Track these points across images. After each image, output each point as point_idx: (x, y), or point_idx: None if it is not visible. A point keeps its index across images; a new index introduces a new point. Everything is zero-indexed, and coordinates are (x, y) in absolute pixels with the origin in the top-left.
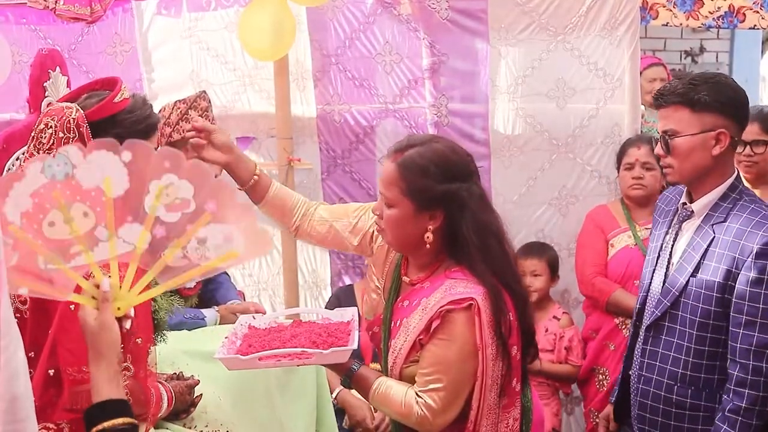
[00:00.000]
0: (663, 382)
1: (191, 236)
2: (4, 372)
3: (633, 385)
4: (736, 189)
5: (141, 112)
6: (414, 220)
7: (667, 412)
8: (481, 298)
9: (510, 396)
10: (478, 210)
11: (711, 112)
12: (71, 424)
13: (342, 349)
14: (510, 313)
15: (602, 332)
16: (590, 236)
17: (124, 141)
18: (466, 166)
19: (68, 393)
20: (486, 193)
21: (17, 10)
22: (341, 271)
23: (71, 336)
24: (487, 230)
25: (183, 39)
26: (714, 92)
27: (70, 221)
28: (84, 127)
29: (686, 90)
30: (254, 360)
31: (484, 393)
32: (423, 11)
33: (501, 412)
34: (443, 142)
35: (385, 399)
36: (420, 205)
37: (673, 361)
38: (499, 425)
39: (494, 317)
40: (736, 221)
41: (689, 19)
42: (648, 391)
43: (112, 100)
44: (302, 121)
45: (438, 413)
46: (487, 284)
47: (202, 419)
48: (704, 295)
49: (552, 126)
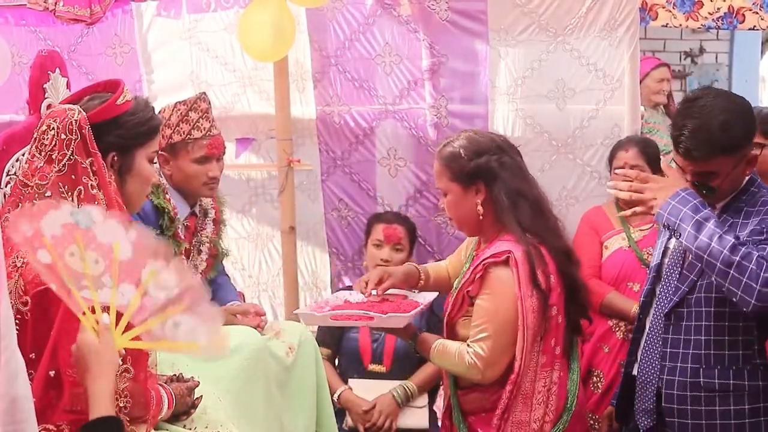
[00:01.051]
0: (687, 367)
1: (171, 315)
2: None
3: (651, 378)
4: (755, 182)
5: (143, 114)
6: (464, 198)
7: (697, 398)
8: (520, 253)
9: (548, 354)
10: (510, 177)
11: (745, 147)
12: (71, 425)
13: (398, 315)
14: (550, 268)
15: (596, 334)
16: (584, 238)
17: (124, 148)
18: (491, 141)
19: (68, 394)
20: (521, 165)
21: (17, 11)
22: (341, 272)
23: (72, 337)
24: (519, 194)
25: (183, 40)
26: (743, 131)
27: (84, 260)
28: (86, 129)
29: (726, 140)
30: (326, 317)
31: (527, 344)
32: (423, 12)
33: (539, 370)
34: (472, 130)
35: (442, 353)
36: (463, 184)
37: (695, 343)
38: (536, 383)
39: (531, 271)
40: (755, 205)
41: (689, 20)
42: (673, 381)
43: (115, 102)
44: (302, 122)
45: (486, 361)
46: (524, 242)
47: (202, 420)
48: None
49: (552, 127)
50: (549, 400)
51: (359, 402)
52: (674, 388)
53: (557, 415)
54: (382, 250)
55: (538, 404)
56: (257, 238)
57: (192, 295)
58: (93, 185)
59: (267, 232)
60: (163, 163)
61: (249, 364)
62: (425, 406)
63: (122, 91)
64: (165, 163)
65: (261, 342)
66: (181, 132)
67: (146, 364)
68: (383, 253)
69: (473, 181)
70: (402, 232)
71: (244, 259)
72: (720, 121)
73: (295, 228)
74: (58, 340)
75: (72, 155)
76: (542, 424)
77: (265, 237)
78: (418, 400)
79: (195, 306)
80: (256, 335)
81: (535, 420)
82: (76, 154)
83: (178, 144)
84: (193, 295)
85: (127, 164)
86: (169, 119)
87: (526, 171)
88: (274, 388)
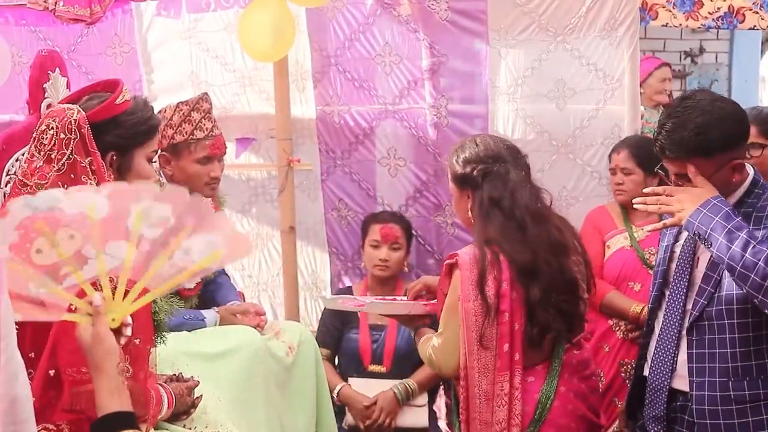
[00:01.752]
0: (716, 381)
1: (176, 247)
2: (4, 373)
3: (660, 386)
4: (758, 184)
5: (142, 114)
6: (459, 201)
7: (728, 412)
8: (468, 257)
9: (502, 359)
10: (491, 188)
11: (724, 152)
12: (71, 424)
13: (419, 303)
14: (504, 276)
15: (596, 334)
16: (587, 237)
17: (123, 147)
18: (488, 150)
19: (68, 394)
20: (519, 176)
21: (17, 11)
22: (341, 272)
23: (71, 337)
24: (494, 205)
25: (182, 40)
26: (722, 134)
27: (57, 245)
28: (86, 128)
29: (697, 143)
30: (348, 302)
31: (468, 344)
32: (423, 12)
33: (497, 373)
34: (481, 135)
35: (421, 345)
36: (458, 188)
37: (721, 357)
38: (495, 385)
39: (480, 276)
40: (764, 210)
41: (689, 19)
42: (703, 396)
43: (114, 101)
44: (302, 122)
45: (440, 354)
46: (480, 248)
47: (202, 420)
48: None
49: (552, 127)
50: (512, 405)
51: (359, 398)
52: (705, 403)
53: (526, 422)
54: (379, 250)
55: (499, 407)
56: (257, 238)
57: (193, 214)
58: (92, 184)
59: (267, 232)
60: (164, 163)
61: (249, 364)
62: (425, 404)
63: (121, 90)
64: (166, 164)
65: (261, 342)
66: (183, 132)
67: (146, 362)
68: (381, 253)
69: (464, 187)
70: (398, 230)
71: (244, 259)
72: (696, 124)
73: (294, 228)
74: (58, 339)
75: (71, 154)
76: (508, 427)
77: (265, 237)
78: (418, 399)
79: (200, 222)
80: (256, 335)
81: (498, 422)
82: (75, 153)
83: (180, 144)
84: (193, 213)
85: (126, 164)
86: (171, 119)
87: (519, 182)
88: (274, 388)
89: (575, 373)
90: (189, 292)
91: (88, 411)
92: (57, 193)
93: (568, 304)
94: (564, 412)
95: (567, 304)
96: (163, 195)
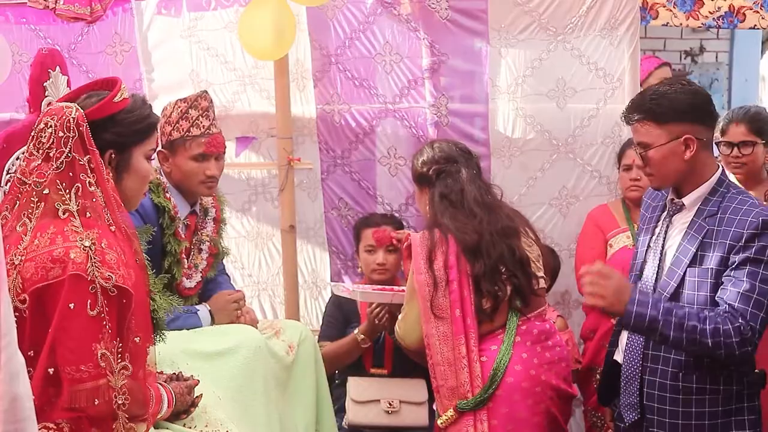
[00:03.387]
0: (668, 371)
1: None
2: (4, 371)
3: (634, 373)
4: (723, 183)
5: (140, 112)
6: (420, 197)
7: (675, 399)
8: (420, 236)
9: (456, 324)
10: (443, 185)
11: (674, 122)
12: (71, 423)
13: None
14: (450, 250)
15: (600, 332)
16: (589, 236)
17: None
18: (442, 152)
19: (67, 392)
20: (469, 174)
21: (17, 9)
22: (341, 270)
23: (70, 334)
24: (444, 198)
25: (183, 39)
26: (673, 102)
27: None
28: (84, 126)
29: (649, 106)
30: (349, 290)
31: (425, 313)
32: (423, 11)
33: (454, 339)
34: (438, 141)
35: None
36: (418, 186)
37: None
38: (455, 350)
39: (428, 252)
40: (727, 212)
41: (689, 19)
42: (654, 382)
43: (112, 99)
44: (302, 121)
45: (403, 326)
46: (429, 228)
47: (202, 419)
48: (700, 283)
49: (552, 126)
50: (472, 368)
51: None
52: (655, 388)
53: (485, 382)
54: (375, 254)
55: (461, 369)
56: (257, 237)
57: None
58: (91, 182)
59: (267, 231)
60: (162, 160)
61: (249, 363)
62: (425, 402)
63: (119, 88)
64: (164, 161)
65: (261, 341)
66: (180, 129)
67: (145, 361)
68: (378, 257)
69: (422, 185)
70: (392, 232)
71: (244, 258)
72: (654, 91)
73: (295, 227)
74: (57, 338)
75: (70, 152)
76: (472, 389)
77: (265, 236)
78: (418, 397)
79: None
80: (255, 334)
81: (462, 384)
82: (74, 151)
83: (176, 141)
84: None
85: (125, 162)
86: (170, 116)
87: (469, 179)
88: (273, 387)
89: (537, 342)
90: (189, 292)
91: (87, 410)
92: None
93: (518, 279)
94: (527, 376)
95: (517, 279)
96: None
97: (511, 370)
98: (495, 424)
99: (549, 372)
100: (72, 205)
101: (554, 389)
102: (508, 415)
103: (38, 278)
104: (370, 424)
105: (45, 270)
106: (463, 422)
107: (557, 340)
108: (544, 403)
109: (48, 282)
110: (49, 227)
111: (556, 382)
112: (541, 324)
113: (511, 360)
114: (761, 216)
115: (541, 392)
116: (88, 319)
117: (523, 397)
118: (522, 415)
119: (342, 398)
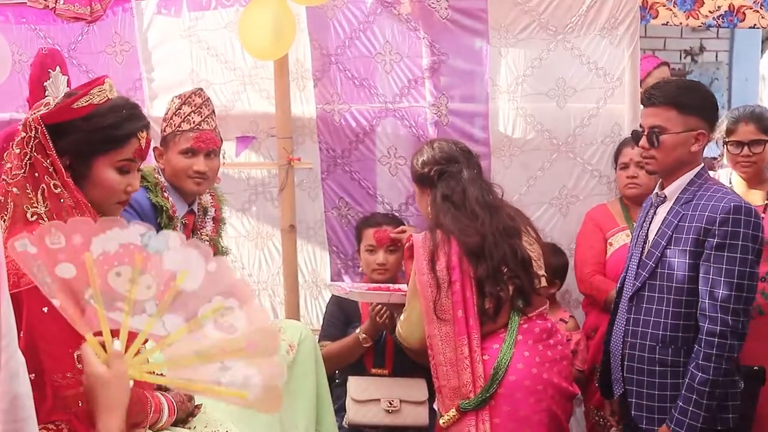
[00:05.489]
0: (646, 344)
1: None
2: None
3: (617, 350)
4: (702, 176)
5: (101, 121)
6: (420, 198)
7: (652, 371)
8: (422, 237)
9: (458, 324)
10: (444, 186)
11: (695, 115)
12: (70, 423)
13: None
14: (452, 251)
15: (601, 330)
16: (589, 235)
17: (79, 153)
18: (443, 153)
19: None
20: (471, 174)
21: (17, 9)
22: (341, 270)
23: (49, 340)
24: (446, 199)
25: (183, 38)
26: (699, 98)
27: (134, 283)
28: (41, 128)
29: (677, 93)
30: (346, 290)
31: (428, 313)
32: (423, 11)
33: (457, 339)
34: (438, 140)
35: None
36: (418, 187)
37: (654, 325)
38: (457, 351)
39: (431, 253)
40: (702, 198)
41: (689, 18)
42: (634, 355)
43: (70, 105)
44: (302, 121)
45: (405, 327)
46: (431, 230)
47: (201, 419)
48: (678, 263)
49: (552, 125)
50: (475, 368)
51: None
52: (635, 361)
53: (487, 382)
54: (376, 254)
55: (463, 370)
56: (257, 237)
57: (258, 347)
58: (56, 184)
59: (267, 231)
60: (158, 156)
61: None
62: (425, 401)
63: (86, 93)
64: (160, 157)
65: None
66: (172, 125)
67: None
68: (378, 257)
69: (423, 186)
70: (390, 231)
71: (244, 258)
72: (682, 83)
73: (295, 226)
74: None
75: (32, 153)
76: (474, 389)
77: (265, 235)
78: (419, 396)
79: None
80: None
81: (464, 384)
82: (35, 152)
83: (168, 136)
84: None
85: (83, 171)
86: (166, 112)
87: (470, 179)
88: None
89: (539, 340)
90: None
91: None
92: (175, 241)
93: (520, 280)
94: (529, 374)
95: (519, 279)
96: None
97: (513, 368)
98: (497, 423)
99: (551, 370)
100: (40, 207)
101: (556, 387)
102: (510, 414)
103: (11, 285)
104: (371, 423)
105: (17, 277)
106: (465, 421)
107: (559, 338)
108: (546, 402)
109: (20, 289)
110: (20, 233)
111: (558, 380)
112: (542, 323)
113: (513, 358)
114: (733, 202)
115: (543, 390)
116: (63, 323)
117: (525, 396)
118: (524, 413)
119: (342, 398)
